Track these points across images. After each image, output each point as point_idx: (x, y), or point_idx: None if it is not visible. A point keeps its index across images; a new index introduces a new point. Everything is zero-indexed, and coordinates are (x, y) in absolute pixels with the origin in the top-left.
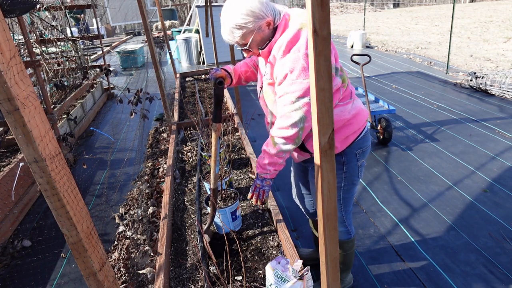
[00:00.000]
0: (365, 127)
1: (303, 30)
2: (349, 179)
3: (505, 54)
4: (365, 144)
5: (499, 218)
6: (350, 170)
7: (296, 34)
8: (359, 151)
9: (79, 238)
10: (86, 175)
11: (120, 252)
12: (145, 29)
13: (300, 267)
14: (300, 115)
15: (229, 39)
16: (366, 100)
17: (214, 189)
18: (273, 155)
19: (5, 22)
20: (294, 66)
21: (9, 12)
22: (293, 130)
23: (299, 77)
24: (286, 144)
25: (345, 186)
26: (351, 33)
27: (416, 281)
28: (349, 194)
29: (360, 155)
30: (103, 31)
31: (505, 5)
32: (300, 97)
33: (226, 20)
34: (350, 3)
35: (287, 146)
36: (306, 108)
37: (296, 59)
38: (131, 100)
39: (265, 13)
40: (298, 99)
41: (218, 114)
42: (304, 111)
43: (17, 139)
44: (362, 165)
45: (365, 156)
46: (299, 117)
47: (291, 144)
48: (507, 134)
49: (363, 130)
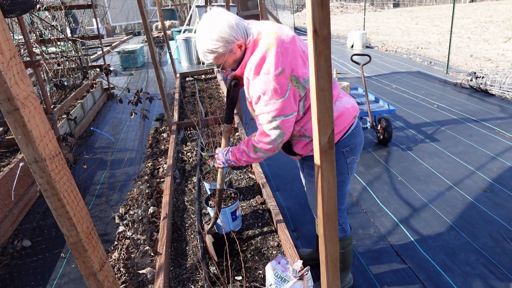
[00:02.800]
0: (352, 124)
1: (269, 51)
2: (338, 177)
3: (505, 54)
4: (353, 142)
5: (499, 218)
6: (339, 168)
7: (263, 56)
8: (347, 149)
9: (79, 238)
10: (86, 175)
11: (120, 252)
12: (145, 29)
13: (300, 267)
14: (277, 132)
15: (204, 59)
16: (366, 100)
17: (221, 190)
18: (253, 158)
19: (5, 22)
20: (266, 89)
21: (9, 12)
22: (273, 145)
23: (272, 98)
24: (265, 153)
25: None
26: (351, 33)
27: (416, 281)
28: (340, 192)
29: (349, 152)
30: (103, 31)
31: (505, 5)
32: (275, 116)
33: (199, 45)
34: (350, 3)
35: (266, 155)
36: (282, 125)
37: (267, 82)
38: (131, 100)
39: (235, 37)
40: (274, 118)
41: (230, 115)
42: (281, 128)
43: (17, 139)
44: (352, 162)
45: (355, 152)
46: (277, 134)
47: (270, 154)
48: (507, 134)
49: (349, 128)
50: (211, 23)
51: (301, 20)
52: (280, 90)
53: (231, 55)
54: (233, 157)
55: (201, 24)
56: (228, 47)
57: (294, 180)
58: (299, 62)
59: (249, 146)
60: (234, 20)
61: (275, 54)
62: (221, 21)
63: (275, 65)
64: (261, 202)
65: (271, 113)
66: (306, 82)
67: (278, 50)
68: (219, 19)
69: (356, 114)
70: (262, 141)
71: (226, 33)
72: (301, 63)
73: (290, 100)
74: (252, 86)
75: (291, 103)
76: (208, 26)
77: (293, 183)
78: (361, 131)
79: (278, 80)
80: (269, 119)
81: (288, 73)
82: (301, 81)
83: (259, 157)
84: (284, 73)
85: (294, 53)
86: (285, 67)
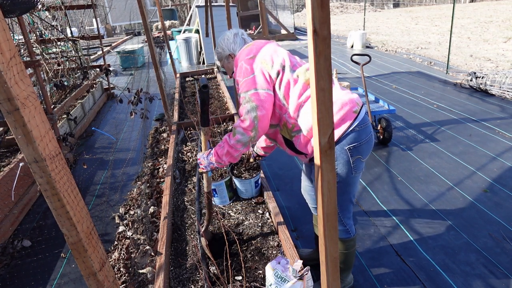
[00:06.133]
0: (355, 119)
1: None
2: (341, 176)
3: (505, 54)
4: (358, 139)
5: (499, 218)
6: (341, 166)
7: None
8: (350, 146)
9: (79, 238)
10: (86, 175)
11: (120, 252)
12: (145, 29)
13: (300, 267)
14: (250, 104)
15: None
16: (366, 100)
17: (208, 192)
18: (231, 146)
19: (5, 22)
20: (240, 72)
21: (9, 12)
22: (248, 119)
23: (244, 77)
24: (243, 135)
25: (338, 184)
26: (351, 33)
27: (416, 281)
28: (344, 193)
29: (353, 150)
30: (103, 31)
31: (505, 5)
32: (247, 91)
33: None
34: (350, 3)
35: (244, 137)
36: (254, 97)
37: (240, 67)
38: (131, 100)
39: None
40: (246, 93)
41: (205, 118)
42: (253, 100)
43: (17, 139)
44: (357, 161)
45: (360, 152)
46: (251, 106)
47: (248, 136)
48: (507, 134)
49: (351, 124)
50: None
51: (301, 20)
52: (250, 69)
53: (227, 63)
54: (215, 156)
55: None
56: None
57: (294, 180)
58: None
59: (229, 134)
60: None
61: (247, 48)
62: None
63: (247, 53)
64: (261, 202)
65: (243, 89)
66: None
67: (250, 46)
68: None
69: (357, 108)
70: (240, 117)
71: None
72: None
73: (259, 77)
74: (236, 76)
75: (261, 80)
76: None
77: (293, 183)
78: (369, 129)
79: (248, 62)
80: (243, 95)
81: (256, 57)
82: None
83: (238, 140)
84: (253, 58)
85: (266, 49)
86: (255, 54)
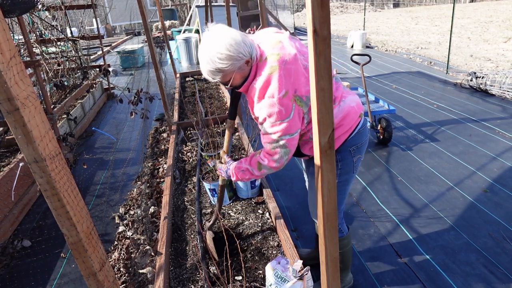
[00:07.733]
0: (359, 123)
1: (273, 75)
2: (344, 176)
3: (505, 54)
4: (360, 140)
5: (499, 218)
6: (345, 167)
7: (267, 80)
8: (354, 147)
9: (79, 238)
10: (86, 175)
11: (120, 252)
12: (145, 29)
13: (300, 267)
14: (283, 150)
15: (211, 79)
16: (366, 100)
17: (223, 186)
18: (256, 175)
19: (5, 22)
20: (271, 111)
21: (9, 12)
22: (279, 163)
23: (277, 120)
24: (270, 170)
25: (339, 183)
26: (351, 33)
27: (416, 281)
28: (341, 194)
29: (355, 151)
30: (103, 31)
31: (505, 5)
32: (281, 136)
33: (205, 65)
34: (350, 3)
35: (271, 171)
36: (288, 143)
37: (271, 105)
38: (131, 100)
39: (243, 53)
40: (280, 137)
41: (233, 111)
42: (287, 146)
43: (17, 139)
44: (358, 160)
45: (361, 151)
46: (283, 152)
47: (274, 171)
48: (507, 134)
49: (356, 127)
50: (217, 41)
51: (301, 20)
52: (285, 111)
53: (240, 72)
54: (234, 177)
55: (206, 43)
56: (237, 65)
57: (294, 180)
58: (301, 81)
59: (252, 163)
60: (240, 37)
61: (278, 77)
62: (227, 38)
63: (279, 88)
64: (261, 202)
65: (277, 133)
66: (308, 99)
67: (281, 73)
68: (226, 36)
69: (361, 112)
70: (268, 159)
71: (235, 50)
72: (303, 81)
73: (294, 120)
74: (257, 108)
75: (296, 122)
76: (214, 45)
77: (293, 183)
78: (367, 130)
79: (282, 103)
80: (275, 138)
81: (291, 94)
82: (304, 100)
83: (263, 174)
84: (288, 95)
85: (297, 73)
86: (288, 89)
